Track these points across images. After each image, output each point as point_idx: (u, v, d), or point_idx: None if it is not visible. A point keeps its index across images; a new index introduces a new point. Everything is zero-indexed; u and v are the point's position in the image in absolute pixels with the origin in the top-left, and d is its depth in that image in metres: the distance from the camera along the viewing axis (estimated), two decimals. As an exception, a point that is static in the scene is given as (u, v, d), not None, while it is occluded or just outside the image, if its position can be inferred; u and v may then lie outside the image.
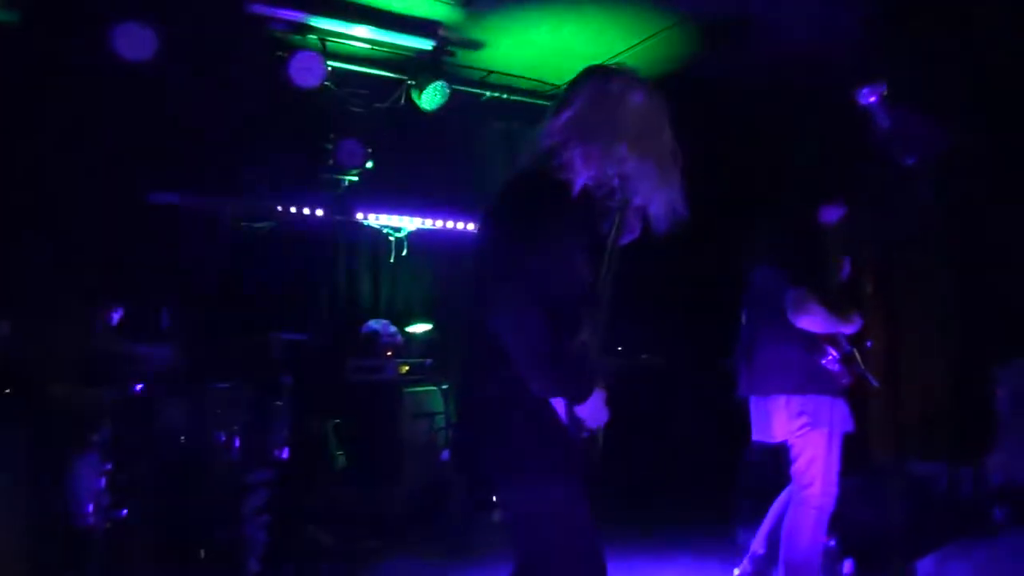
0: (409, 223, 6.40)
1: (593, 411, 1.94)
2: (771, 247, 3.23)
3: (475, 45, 5.38)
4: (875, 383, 3.11)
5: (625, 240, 2.09)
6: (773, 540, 3.25)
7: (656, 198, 2.01)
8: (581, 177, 2.00)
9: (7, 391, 3.06)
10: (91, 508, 3.60)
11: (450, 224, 6.53)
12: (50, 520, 3.33)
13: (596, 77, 2.06)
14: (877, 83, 1.72)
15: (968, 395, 4.73)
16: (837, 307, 3.10)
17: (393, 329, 5.77)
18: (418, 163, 6.04)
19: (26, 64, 4.46)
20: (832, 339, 3.10)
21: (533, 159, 2.02)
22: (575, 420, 1.94)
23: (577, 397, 1.91)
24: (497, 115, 6.38)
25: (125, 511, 3.56)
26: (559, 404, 1.93)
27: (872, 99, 1.75)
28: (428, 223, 6.49)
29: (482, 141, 6.38)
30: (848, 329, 3.14)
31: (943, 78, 3.49)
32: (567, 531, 1.94)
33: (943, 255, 4.24)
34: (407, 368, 5.55)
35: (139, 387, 3.92)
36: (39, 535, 3.10)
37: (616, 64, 2.10)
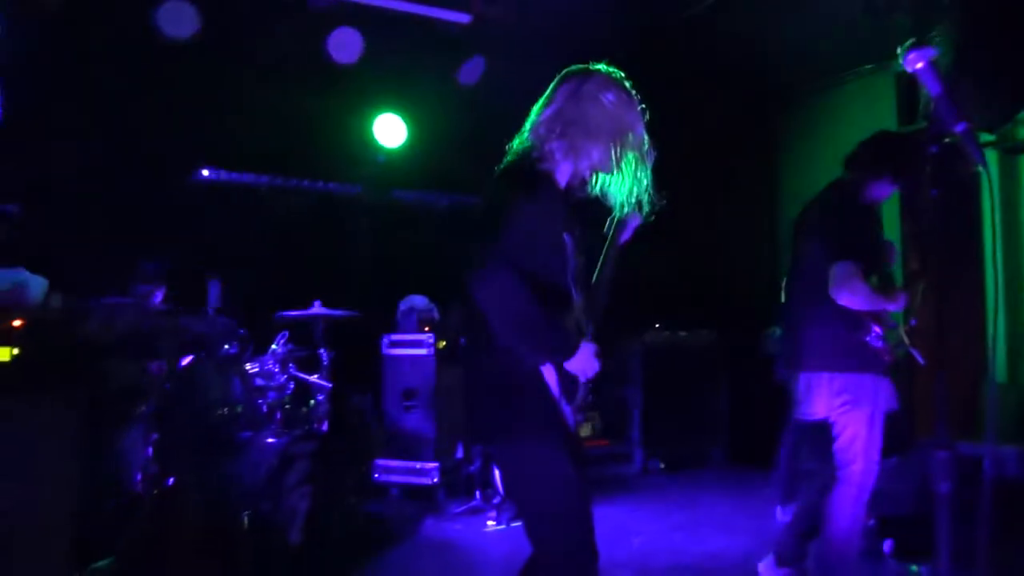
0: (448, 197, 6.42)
1: (583, 365, 2.10)
2: (820, 221, 3.17)
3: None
4: (922, 361, 3.05)
5: (630, 229, 2.42)
6: (811, 518, 3.21)
7: (623, 190, 2.24)
8: (560, 168, 2.20)
9: (60, 362, 3.15)
10: (139, 477, 3.71)
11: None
12: (101, 488, 3.43)
13: (575, 77, 2.26)
14: (925, 46, 1.66)
15: (1016, 374, 4.62)
16: (881, 285, 3.04)
17: (431, 305, 5.81)
18: (459, 138, 6.03)
19: (74, 39, 4.54)
20: (876, 316, 3.04)
21: (520, 150, 2.23)
22: (567, 388, 2.11)
23: (562, 355, 2.07)
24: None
25: (171, 480, 3.65)
26: (551, 377, 2.08)
27: (919, 64, 1.68)
28: (466, 200, 6.49)
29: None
30: (892, 306, 3.07)
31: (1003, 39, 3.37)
32: (556, 493, 2.09)
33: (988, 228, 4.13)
34: (444, 344, 5.58)
35: (185, 360, 4.01)
36: (91, 502, 3.19)
37: (595, 66, 2.29)
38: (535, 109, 2.27)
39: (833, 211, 3.14)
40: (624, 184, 2.23)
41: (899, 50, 1.75)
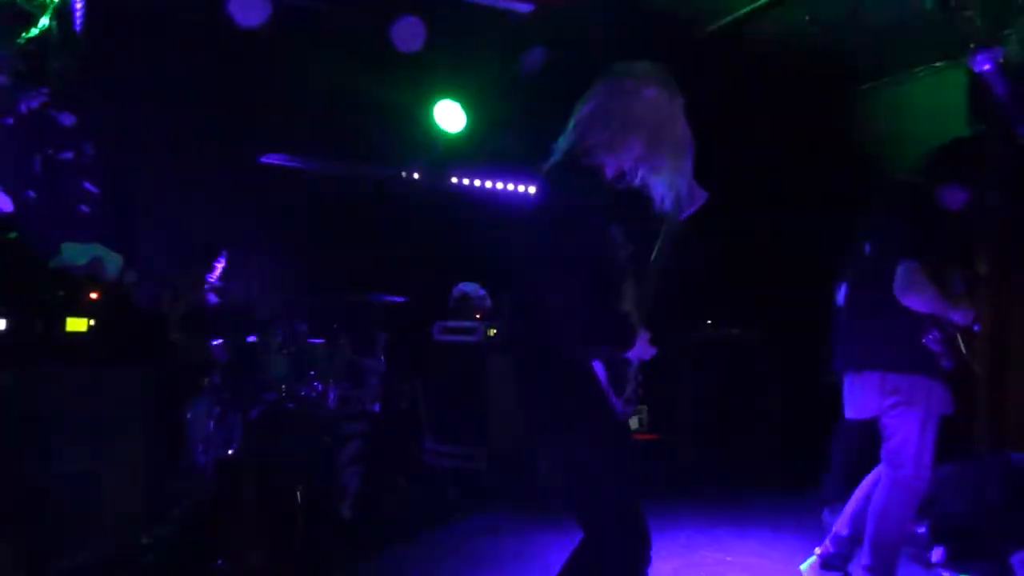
0: (504, 187, 6.47)
1: (639, 351, 2.18)
2: (888, 220, 3.12)
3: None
4: (978, 369, 2.98)
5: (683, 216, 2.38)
6: (858, 521, 3.18)
7: (665, 183, 2.26)
8: (604, 162, 2.25)
9: (133, 335, 3.31)
10: (201, 449, 3.88)
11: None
12: (168, 458, 3.59)
13: (615, 74, 2.29)
14: (994, 47, 1.63)
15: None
16: (948, 292, 2.98)
17: (483, 292, 5.87)
18: (518, 128, 6.06)
19: (145, 26, 4.70)
20: (936, 320, 2.98)
21: (566, 146, 2.27)
22: (616, 380, 2.18)
23: (621, 345, 2.15)
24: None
25: (231, 451, 3.80)
26: (599, 369, 2.15)
27: (987, 66, 1.66)
28: (522, 188, 6.55)
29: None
30: (957, 317, 3.01)
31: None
32: (606, 481, 2.14)
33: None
34: (495, 331, 5.63)
35: (249, 338, 4.16)
36: (158, 471, 3.35)
37: (635, 62, 2.31)
38: (577, 106, 2.32)
39: (902, 211, 3.09)
40: (666, 176, 2.26)
41: (970, 48, 1.73)
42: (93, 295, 3.24)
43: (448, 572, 3.75)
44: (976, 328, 3.17)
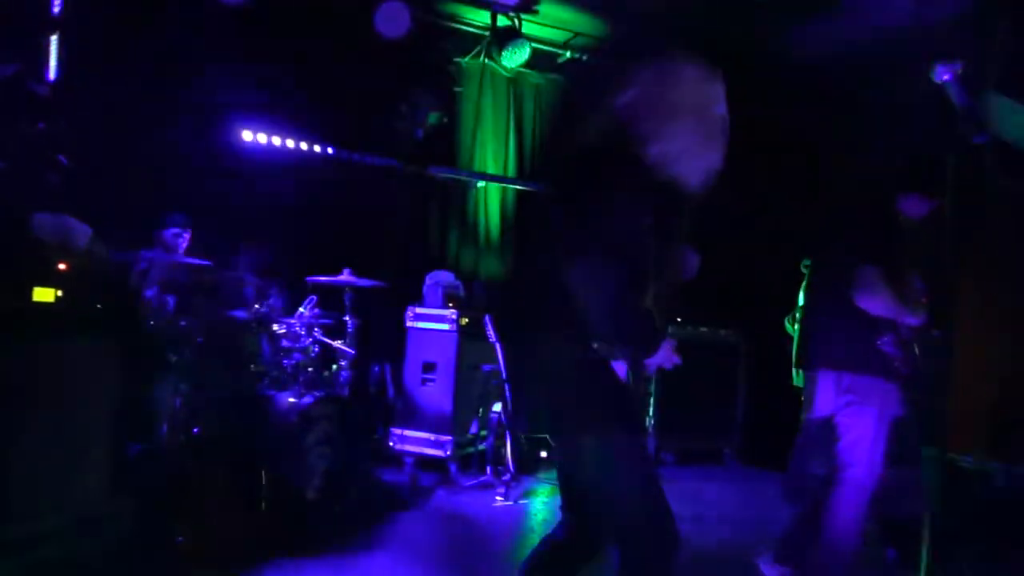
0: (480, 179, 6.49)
1: (663, 358, 2.14)
2: (850, 226, 3.19)
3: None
4: (929, 373, 3.06)
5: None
6: (812, 517, 3.25)
7: (693, 164, 2.18)
8: (647, 152, 2.15)
9: (100, 307, 3.29)
10: (165, 427, 3.86)
11: (519, 185, 6.60)
12: (132, 432, 3.57)
13: (654, 60, 2.22)
14: (952, 60, 1.70)
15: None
16: (905, 297, 3.06)
17: (457, 281, 5.90)
18: (495, 120, 6.09)
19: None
20: (892, 324, 3.06)
21: (601, 133, 2.19)
22: (636, 378, 2.11)
23: (650, 348, 2.09)
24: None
25: (197, 430, 3.79)
26: (620, 365, 2.08)
27: (947, 76, 1.72)
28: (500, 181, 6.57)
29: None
30: (912, 320, 3.09)
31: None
32: (639, 482, 2.10)
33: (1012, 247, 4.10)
34: (467, 320, 5.66)
35: (218, 316, 4.14)
36: (122, 445, 3.34)
37: (675, 45, 2.24)
38: (613, 91, 2.23)
39: (863, 217, 3.17)
40: (704, 164, 2.19)
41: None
42: (61, 266, 3.21)
43: (411, 556, 3.77)
44: (936, 334, 3.26)
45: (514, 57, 5.61)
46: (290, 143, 5.73)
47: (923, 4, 3.78)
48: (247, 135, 5.50)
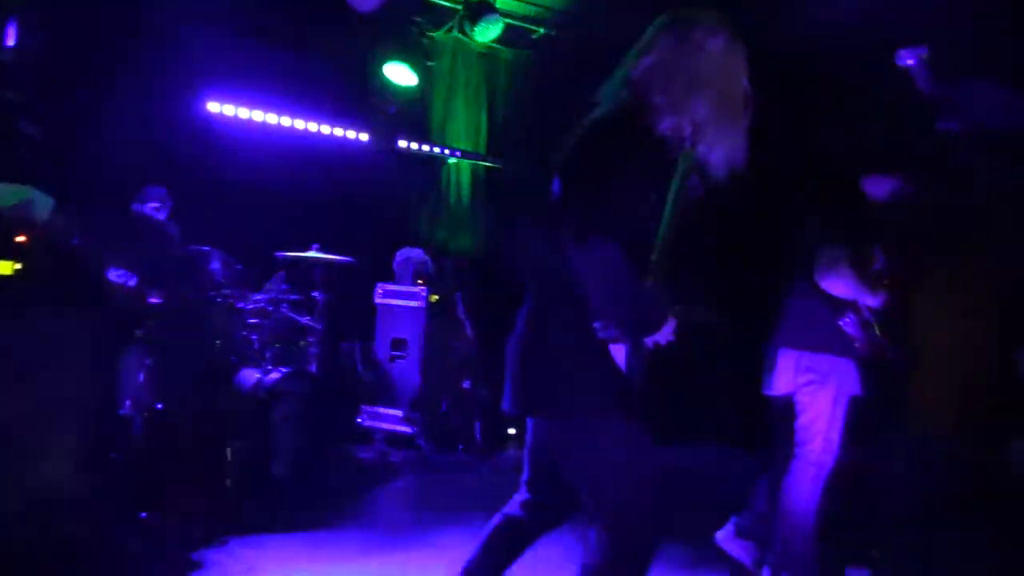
0: (452, 155, 6.45)
1: (662, 335, 2.01)
2: (814, 208, 3.22)
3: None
4: (892, 354, 3.12)
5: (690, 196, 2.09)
6: (772, 494, 3.32)
7: (721, 146, 2.02)
8: (660, 125, 1.99)
9: (61, 280, 3.23)
10: (129, 402, 3.81)
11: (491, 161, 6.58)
12: (96, 406, 3.52)
13: (679, 24, 2.04)
14: (917, 45, 1.71)
15: (998, 378, 4.69)
16: (867, 278, 3.11)
17: (427, 258, 5.88)
18: (466, 96, 6.04)
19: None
20: (854, 304, 3.11)
21: (614, 104, 2.03)
22: (635, 359, 2.01)
23: (652, 331, 1.97)
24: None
25: (161, 405, 3.75)
26: (619, 352, 1.97)
27: (911, 62, 1.74)
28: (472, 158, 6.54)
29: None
30: (872, 301, 3.14)
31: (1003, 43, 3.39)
32: (627, 469, 1.97)
33: (983, 230, 4.17)
34: (437, 298, 5.66)
35: (186, 288, 4.08)
36: (86, 419, 3.29)
37: (699, 9, 2.06)
38: (631, 56, 2.06)
39: (826, 200, 3.21)
40: (725, 139, 2.02)
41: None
42: (21, 238, 3.14)
43: (380, 532, 3.79)
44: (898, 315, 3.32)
45: (487, 32, 5.56)
46: (259, 116, 5.64)
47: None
48: (214, 107, 5.40)
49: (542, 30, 6.13)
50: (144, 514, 3.31)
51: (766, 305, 3.53)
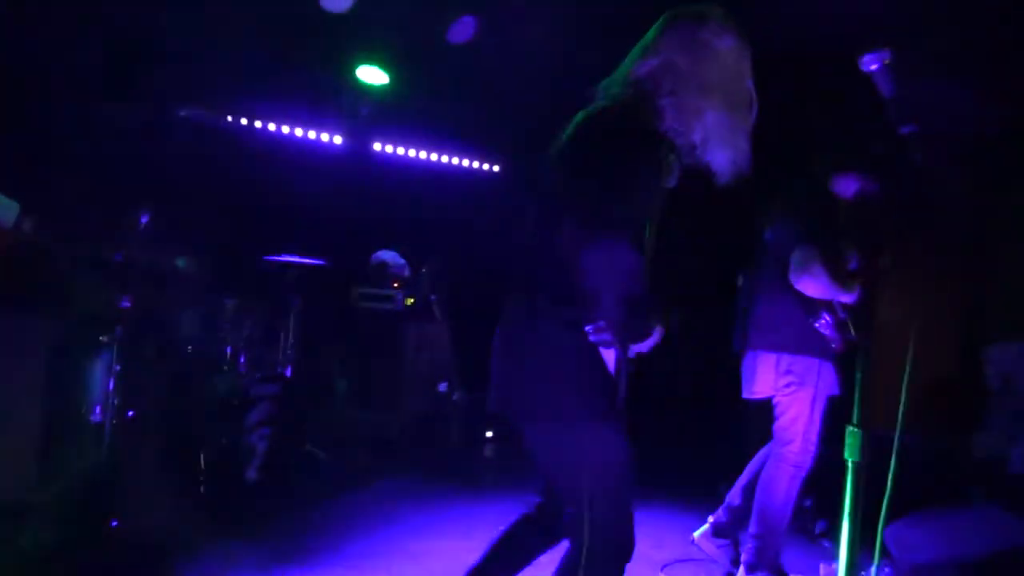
0: (426, 157, 6.44)
1: (650, 343, 2.01)
2: (785, 207, 3.26)
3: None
4: (865, 352, 3.15)
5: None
6: (749, 493, 3.35)
7: (728, 149, 1.99)
8: (668, 127, 1.96)
9: (28, 285, 3.17)
10: (98, 408, 3.75)
11: (466, 162, 6.57)
12: (63, 413, 3.47)
13: (687, 22, 1.99)
14: (880, 50, 1.74)
15: (961, 373, 4.80)
16: (840, 276, 3.14)
17: (402, 261, 5.86)
18: (441, 97, 6.01)
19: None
20: (828, 304, 3.15)
21: (616, 101, 1.97)
22: (622, 363, 1.99)
23: (644, 336, 1.95)
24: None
25: (132, 412, 3.70)
26: (608, 353, 1.94)
27: (874, 66, 1.77)
28: (445, 158, 6.52)
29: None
30: (846, 298, 3.18)
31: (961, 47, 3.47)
32: (612, 475, 1.96)
33: (951, 232, 4.27)
34: (412, 300, 5.64)
35: (157, 294, 4.02)
36: (52, 426, 3.25)
37: (705, 6, 2.01)
38: (634, 54, 2.01)
39: (798, 199, 3.24)
40: (729, 142, 1.98)
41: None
42: (-13, 243, 3.08)
43: (355, 537, 3.76)
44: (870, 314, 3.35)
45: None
46: (230, 118, 5.59)
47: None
48: (185, 110, 5.34)
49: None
50: (115, 522, 3.26)
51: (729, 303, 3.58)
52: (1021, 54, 3.99)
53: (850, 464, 1.76)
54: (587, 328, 1.87)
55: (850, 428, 1.76)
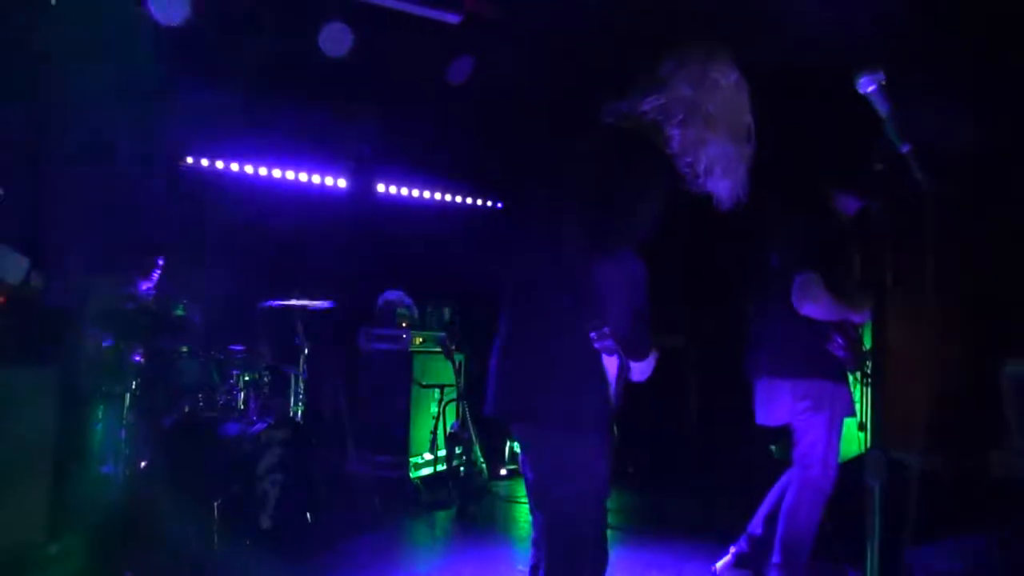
0: (431, 196, 6.49)
1: (646, 368, 2.05)
2: (786, 231, 3.26)
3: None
4: (871, 371, 3.13)
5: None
6: (770, 521, 3.30)
7: (729, 180, 2.07)
8: (673, 152, 2.04)
9: (39, 337, 3.19)
10: (111, 457, 3.75)
11: (469, 200, 6.62)
12: (74, 465, 3.47)
13: (694, 58, 2.08)
14: (875, 71, 1.77)
15: (976, 392, 4.75)
16: (847, 295, 3.13)
17: (410, 301, 5.86)
18: (443, 137, 6.08)
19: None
20: (839, 325, 3.13)
21: (630, 126, 2.05)
22: (621, 380, 2.02)
23: (645, 355, 2.00)
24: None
25: (144, 462, 3.69)
26: (611, 365, 1.98)
27: (871, 87, 1.79)
28: (449, 197, 6.58)
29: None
30: (857, 317, 3.17)
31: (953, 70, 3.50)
32: (598, 487, 2.01)
33: (957, 250, 4.27)
34: (421, 340, 5.64)
35: (165, 343, 4.04)
36: (63, 478, 3.24)
37: (713, 44, 2.11)
38: (643, 83, 2.09)
39: (798, 222, 3.24)
40: (731, 173, 2.07)
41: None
42: (-3, 298, 3.11)
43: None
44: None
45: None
46: (235, 167, 5.66)
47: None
48: (190, 160, 5.41)
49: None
50: (128, 573, 3.23)
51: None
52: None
53: (872, 488, 1.73)
54: (592, 335, 1.92)
55: (871, 450, 1.74)
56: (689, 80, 2.05)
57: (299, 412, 4.64)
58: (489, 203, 7.02)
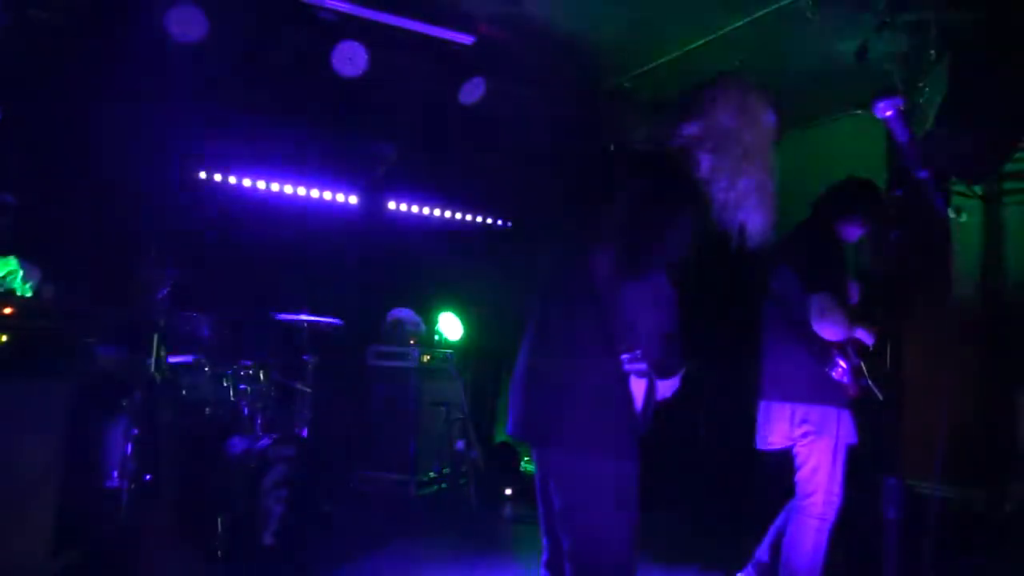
0: (441, 214, 6.50)
1: (672, 385, 2.02)
2: (795, 255, 3.25)
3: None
4: (880, 396, 3.10)
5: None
6: (776, 550, 3.26)
7: (759, 214, 2.06)
8: (703, 177, 2.04)
9: (49, 350, 3.19)
10: (116, 472, 3.73)
11: (479, 219, 6.63)
12: (80, 478, 3.45)
13: (734, 89, 2.09)
14: (894, 95, 1.76)
15: (990, 420, 4.70)
16: (856, 317, 3.12)
17: (418, 319, 5.87)
18: (454, 155, 6.10)
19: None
20: (842, 350, 3.11)
21: (663, 150, 2.05)
22: (649, 404, 2.00)
23: (675, 373, 1.97)
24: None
25: (149, 476, 3.67)
26: (639, 388, 1.96)
27: (888, 112, 1.79)
28: (459, 215, 6.59)
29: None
30: (867, 338, 3.15)
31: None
32: (629, 512, 1.96)
33: (968, 275, 4.24)
34: (429, 357, 5.63)
35: (172, 358, 4.04)
36: (69, 492, 3.22)
37: (749, 76, 2.13)
38: (676, 109, 2.11)
39: (809, 245, 3.23)
40: (760, 210, 2.06)
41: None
42: (7, 310, 3.11)
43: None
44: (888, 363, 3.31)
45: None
46: (247, 182, 5.68)
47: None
48: (203, 174, 5.44)
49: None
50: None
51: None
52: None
53: (890, 519, 1.71)
54: (624, 356, 1.89)
55: (888, 481, 1.71)
56: (728, 110, 2.05)
57: (305, 428, 4.62)
58: (500, 222, 7.02)
